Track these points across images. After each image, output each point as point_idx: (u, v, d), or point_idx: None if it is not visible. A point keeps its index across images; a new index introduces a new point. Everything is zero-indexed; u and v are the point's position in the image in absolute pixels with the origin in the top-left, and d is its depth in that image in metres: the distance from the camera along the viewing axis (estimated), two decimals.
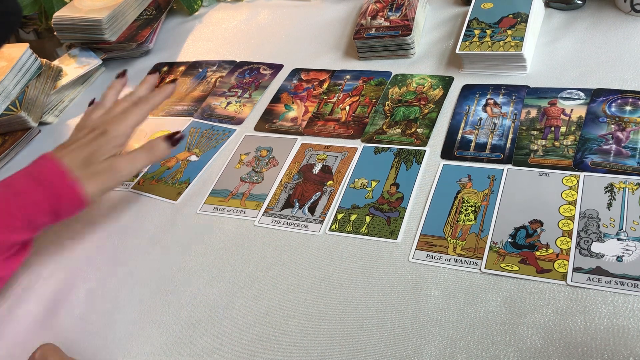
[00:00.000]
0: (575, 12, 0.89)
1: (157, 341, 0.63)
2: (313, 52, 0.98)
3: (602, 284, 0.56)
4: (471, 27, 0.85)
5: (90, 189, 0.69)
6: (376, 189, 0.72)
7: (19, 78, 0.98)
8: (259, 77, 0.97)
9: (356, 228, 0.68)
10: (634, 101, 0.71)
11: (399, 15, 0.92)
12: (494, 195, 0.67)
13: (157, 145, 0.74)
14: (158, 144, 0.74)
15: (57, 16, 1.07)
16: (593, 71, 0.78)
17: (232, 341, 0.61)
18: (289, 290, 0.64)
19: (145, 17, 1.12)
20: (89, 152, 0.71)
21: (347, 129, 0.82)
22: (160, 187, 0.82)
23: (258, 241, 0.70)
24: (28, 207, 0.67)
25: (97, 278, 0.72)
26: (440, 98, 0.81)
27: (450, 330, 0.56)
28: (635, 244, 0.58)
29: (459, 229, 0.65)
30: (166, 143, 0.75)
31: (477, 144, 0.73)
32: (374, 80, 0.88)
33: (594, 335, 0.53)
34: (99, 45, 1.09)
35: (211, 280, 0.68)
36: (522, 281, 0.58)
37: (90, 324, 0.67)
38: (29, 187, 0.68)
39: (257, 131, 0.86)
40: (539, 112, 0.75)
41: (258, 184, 0.78)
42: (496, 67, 0.82)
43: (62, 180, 0.68)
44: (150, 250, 0.73)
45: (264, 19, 1.11)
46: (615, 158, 0.66)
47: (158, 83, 1.02)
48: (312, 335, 0.60)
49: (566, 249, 0.59)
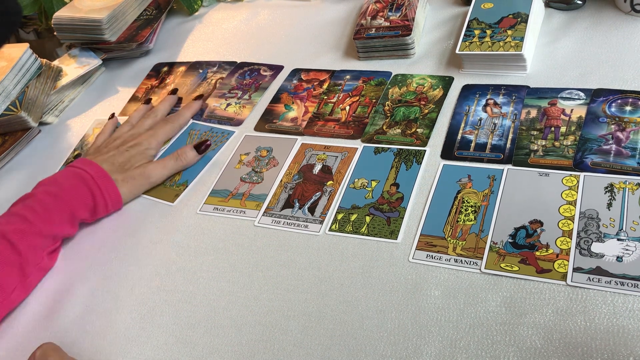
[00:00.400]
0: (575, 12, 0.89)
1: (157, 341, 0.63)
2: (313, 52, 0.98)
3: (602, 284, 0.56)
4: (471, 27, 0.85)
5: (124, 190, 0.78)
6: (376, 189, 0.72)
7: (19, 78, 0.98)
8: (259, 78, 0.97)
9: (356, 228, 0.68)
10: (634, 101, 0.71)
11: (399, 15, 0.92)
12: (494, 196, 0.67)
13: (185, 153, 0.82)
14: (187, 152, 0.82)
15: (57, 16, 1.07)
16: (593, 71, 0.78)
17: (232, 341, 0.61)
18: (289, 290, 0.64)
19: (145, 17, 1.12)
20: (125, 160, 0.80)
21: (347, 129, 0.82)
22: (158, 188, 0.81)
23: (258, 241, 0.70)
24: (74, 201, 0.74)
25: (97, 278, 0.72)
26: (440, 98, 0.81)
27: (450, 330, 0.56)
28: (635, 244, 0.58)
29: (459, 229, 0.65)
30: (194, 151, 0.82)
31: (477, 144, 0.73)
32: (374, 81, 0.88)
33: (594, 335, 0.53)
34: (99, 45, 1.08)
35: (211, 280, 0.68)
36: (522, 281, 0.58)
37: (90, 324, 0.67)
38: (75, 184, 0.75)
39: (257, 131, 0.86)
40: (539, 112, 0.75)
41: (258, 184, 0.78)
42: (496, 67, 0.82)
43: (104, 179, 0.76)
44: (150, 250, 0.73)
45: (264, 19, 1.11)
46: (615, 158, 0.66)
47: (157, 84, 1.02)
48: (312, 335, 0.60)
49: (566, 249, 0.59)
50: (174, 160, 0.81)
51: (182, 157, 0.82)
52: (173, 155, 0.82)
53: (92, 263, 0.74)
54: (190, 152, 0.82)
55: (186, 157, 0.82)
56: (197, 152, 0.83)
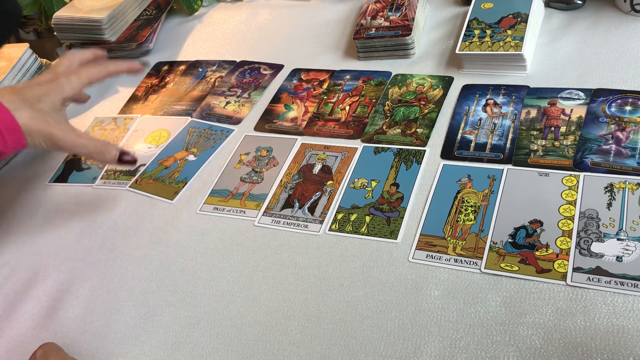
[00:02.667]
0: (575, 12, 0.89)
1: (157, 341, 0.63)
2: (313, 52, 0.98)
3: (601, 284, 0.56)
4: (471, 27, 0.85)
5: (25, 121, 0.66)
6: (376, 189, 0.72)
7: (19, 78, 0.98)
8: (259, 77, 0.97)
9: (356, 228, 0.68)
10: (634, 101, 0.71)
11: (399, 15, 0.92)
12: (494, 195, 0.67)
13: (109, 149, 0.72)
14: (111, 150, 0.72)
15: (57, 16, 1.07)
16: (593, 71, 0.78)
17: (232, 341, 0.61)
18: (289, 290, 0.64)
19: (145, 17, 1.12)
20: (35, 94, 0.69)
21: (347, 129, 0.82)
22: (157, 186, 0.82)
23: (258, 241, 0.70)
24: None
25: (97, 278, 0.72)
26: (440, 98, 0.81)
27: (450, 330, 0.56)
28: (635, 244, 0.58)
29: (458, 229, 0.65)
30: (116, 155, 0.72)
31: (477, 144, 0.73)
32: (374, 80, 0.88)
33: (594, 335, 0.53)
34: (99, 45, 1.08)
35: (211, 280, 0.68)
36: (522, 281, 0.58)
37: (90, 324, 0.67)
38: None
39: (257, 131, 0.86)
40: (539, 112, 0.75)
41: (258, 184, 0.78)
42: (496, 67, 0.82)
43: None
44: (150, 250, 0.73)
45: (264, 19, 1.11)
46: (615, 158, 0.66)
47: (157, 83, 1.02)
48: (312, 335, 0.60)
49: (566, 249, 0.59)
50: (95, 144, 0.71)
51: (105, 150, 0.71)
52: (98, 141, 0.72)
53: (92, 263, 0.74)
54: (112, 153, 0.72)
55: (108, 152, 0.71)
56: (118, 157, 0.72)
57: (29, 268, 0.75)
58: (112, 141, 0.91)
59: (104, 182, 0.85)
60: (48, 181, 0.88)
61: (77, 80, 0.73)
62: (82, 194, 0.84)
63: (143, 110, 0.97)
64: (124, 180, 0.84)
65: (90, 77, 0.75)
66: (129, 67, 0.81)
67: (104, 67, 0.77)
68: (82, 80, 0.74)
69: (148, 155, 0.87)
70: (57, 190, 0.86)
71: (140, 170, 0.85)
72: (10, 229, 0.82)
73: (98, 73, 0.76)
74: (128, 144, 0.90)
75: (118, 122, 0.96)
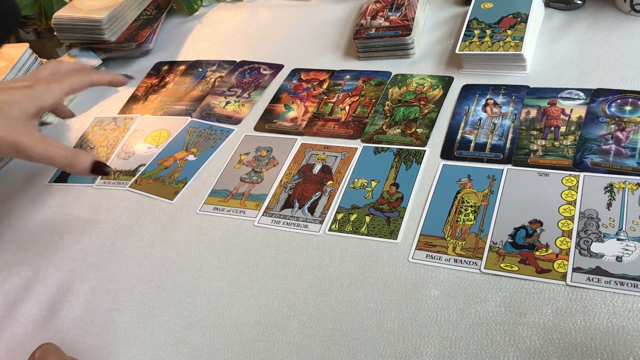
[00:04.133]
0: (575, 12, 0.89)
1: (157, 341, 0.63)
2: (313, 52, 0.98)
3: (601, 284, 0.56)
4: (471, 27, 0.85)
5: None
6: (376, 189, 0.72)
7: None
8: (259, 77, 0.97)
9: (356, 228, 0.68)
10: (634, 101, 0.71)
11: (399, 15, 0.92)
12: (494, 195, 0.67)
13: (79, 159, 0.67)
14: (83, 159, 0.67)
15: (57, 16, 1.07)
16: (593, 71, 0.78)
17: (232, 341, 0.61)
18: (289, 290, 0.64)
19: (145, 17, 1.12)
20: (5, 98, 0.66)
21: (347, 129, 0.82)
22: (157, 186, 0.82)
23: (258, 241, 0.70)
24: None
25: (97, 278, 0.72)
26: (440, 98, 0.81)
27: (450, 330, 0.56)
28: (635, 244, 0.58)
29: (458, 229, 0.65)
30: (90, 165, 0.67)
31: (476, 144, 0.73)
32: (374, 80, 0.88)
33: (594, 335, 0.53)
34: (99, 45, 1.09)
35: (211, 280, 0.68)
36: (522, 281, 0.58)
37: (90, 324, 0.67)
38: None
39: (257, 131, 0.86)
40: (539, 112, 0.75)
41: (258, 184, 0.78)
42: (496, 67, 0.82)
43: None
44: (150, 250, 0.73)
45: (264, 19, 1.11)
46: (615, 158, 0.66)
47: (157, 83, 1.02)
48: (312, 335, 0.60)
49: (566, 249, 0.59)
50: (63, 155, 0.66)
51: (75, 160, 0.67)
52: (69, 150, 0.67)
53: (92, 263, 0.74)
54: (86, 162, 0.67)
55: (78, 163, 0.66)
56: (91, 167, 0.67)
57: (29, 268, 0.75)
58: (113, 141, 0.92)
59: (104, 182, 0.85)
60: (48, 181, 0.88)
61: (59, 88, 0.71)
62: (82, 194, 0.84)
63: (143, 110, 0.97)
64: (123, 180, 0.84)
65: (72, 86, 0.72)
66: (111, 78, 0.79)
67: (88, 76, 0.75)
68: (63, 88, 0.71)
69: (148, 155, 0.87)
70: (57, 190, 0.86)
71: (140, 171, 0.85)
72: (10, 229, 0.82)
73: (80, 82, 0.74)
74: (128, 144, 0.90)
75: (118, 122, 0.96)
